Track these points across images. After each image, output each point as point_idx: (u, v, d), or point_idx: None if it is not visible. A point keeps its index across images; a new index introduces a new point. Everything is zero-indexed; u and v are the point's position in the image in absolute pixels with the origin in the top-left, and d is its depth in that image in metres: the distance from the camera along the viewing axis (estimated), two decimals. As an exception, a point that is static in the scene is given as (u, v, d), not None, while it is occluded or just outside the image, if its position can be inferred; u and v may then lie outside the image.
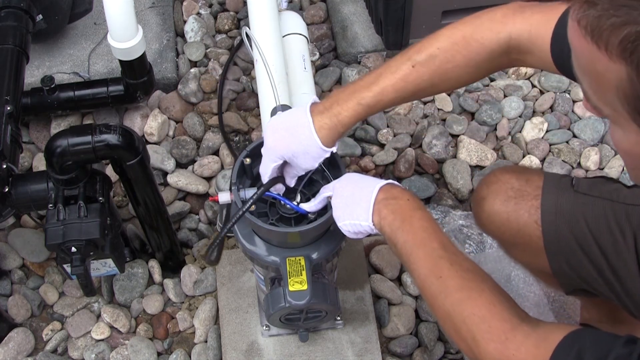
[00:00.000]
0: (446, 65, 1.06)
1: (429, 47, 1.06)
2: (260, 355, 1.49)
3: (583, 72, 0.70)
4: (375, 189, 1.05)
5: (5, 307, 1.63)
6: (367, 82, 1.08)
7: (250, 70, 1.96)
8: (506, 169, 1.20)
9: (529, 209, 1.12)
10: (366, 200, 1.05)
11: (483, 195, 1.19)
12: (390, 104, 1.09)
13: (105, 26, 1.82)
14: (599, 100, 0.69)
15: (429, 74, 1.06)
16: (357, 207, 1.06)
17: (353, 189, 1.08)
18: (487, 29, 1.03)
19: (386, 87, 1.06)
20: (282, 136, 1.10)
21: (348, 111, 1.07)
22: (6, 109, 1.38)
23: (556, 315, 1.53)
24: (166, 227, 1.56)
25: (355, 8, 2.01)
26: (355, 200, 1.06)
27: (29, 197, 1.33)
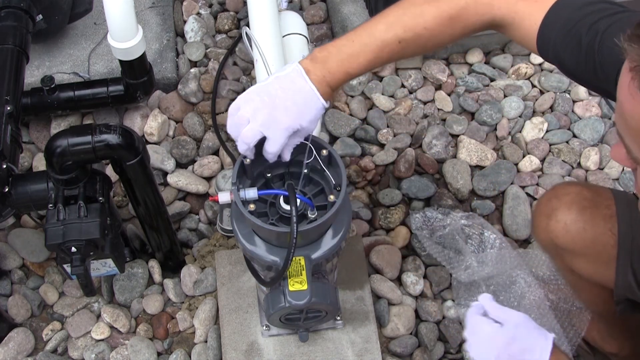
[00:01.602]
0: (430, 41, 1.11)
1: (415, 25, 1.10)
2: (260, 355, 1.49)
3: (630, 130, 0.79)
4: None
5: (5, 307, 1.63)
6: (354, 51, 1.11)
7: (250, 70, 1.96)
8: (571, 183, 1.26)
9: (603, 218, 1.17)
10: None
11: (554, 207, 1.22)
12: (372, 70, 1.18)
13: (105, 26, 1.82)
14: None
15: (413, 49, 1.12)
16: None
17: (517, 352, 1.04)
18: (473, 11, 1.08)
19: (372, 59, 1.11)
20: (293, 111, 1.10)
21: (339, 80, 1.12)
22: (6, 109, 1.38)
23: (560, 323, 1.53)
24: (166, 227, 1.56)
25: (355, 8, 2.01)
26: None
27: (29, 197, 1.33)
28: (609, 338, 1.47)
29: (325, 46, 1.12)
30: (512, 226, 1.72)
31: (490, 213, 1.76)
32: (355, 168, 1.80)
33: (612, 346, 1.48)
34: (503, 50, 2.00)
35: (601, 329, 1.48)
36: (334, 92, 1.13)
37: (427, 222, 1.69)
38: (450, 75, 1.96)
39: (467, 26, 1.09)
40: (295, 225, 1.09)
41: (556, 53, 1.02)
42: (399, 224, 1.73)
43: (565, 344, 1.49)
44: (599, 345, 1.51)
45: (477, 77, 1.95)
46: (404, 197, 1.77)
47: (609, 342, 1.48)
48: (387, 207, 1.75)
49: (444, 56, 1.98)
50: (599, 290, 1.27)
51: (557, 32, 1.01)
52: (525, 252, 1.64)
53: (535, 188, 1.78)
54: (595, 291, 1.30)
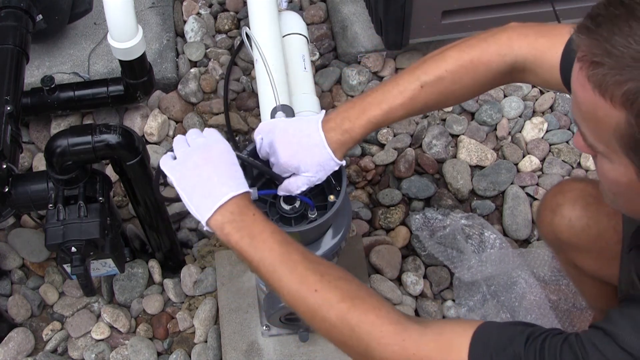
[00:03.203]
0: (453, 86, 1.10)
1: (436, 69, 1.10)
2: (260, 355, 1.49)
3: (584, 117, 0.82)
4: (224, 198, 0.98)
5: (5, 307, 1.63)
6: (376, 99, 1.11)
7: (250, 70, 1.96)
8: (576, 179, 1.25)
9: (607, 214, 1.17)
10: (211, 202, 0.99)
11: (559, 202, 1.23)
12: (398, 119, 1.13)
13: (105, 26, 1.82)
14: (596, 139, 0.82)
15: (437, 94, 1.10)
16: (201, 199, 1.00)
17: (208, 175, 1.01)
18: (494, 52, 1.08)
19: (395, 106, 1.10)
20: (295, 151, 1.11)
21: (359, 128, 1.11)
22: (6, 109, 1.38)
23: (561, 323, 1.53)
24: (166, 227, 1.56)
25: (355, 8, 2.01)
26: (202, 190, 1.00)
27: (29, 197, 1.33)
28: None
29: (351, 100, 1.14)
30: (512, 226, 1.72)
31: (490, 213, 1.76)
32: (355, 168, 1.80)
33: None
34: (503, 50, 2.00)
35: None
36: (354, 143, 1.12)
37: (427, 223, 1.69)
38: (450, 75, 1.96)
39: (489, 69, 1.08)
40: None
41: None
42: (399, 224, 1.73)
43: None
44: None
45: (477, 77, 1.95)
46: (404, 197, 1.77)
47: None
48: (387, 207, 1.75)
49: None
50: (602, 286, 1.27)
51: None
52: (527, 252, 1.64)
53: (535, 188, 1.78)
54: (598, 287, 1.30)
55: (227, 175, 1.01)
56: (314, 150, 1.11)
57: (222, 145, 1.04)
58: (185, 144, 1.06)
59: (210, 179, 1.00)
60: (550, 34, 1.06)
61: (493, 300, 1.59)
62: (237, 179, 1.02)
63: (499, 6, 1.81)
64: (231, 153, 1.04)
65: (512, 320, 0.93)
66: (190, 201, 1.01)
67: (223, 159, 1.03)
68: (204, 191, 1.00)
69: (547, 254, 1.63)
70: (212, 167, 1.01)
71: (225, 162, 1.03)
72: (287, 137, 1.12)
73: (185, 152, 1.04)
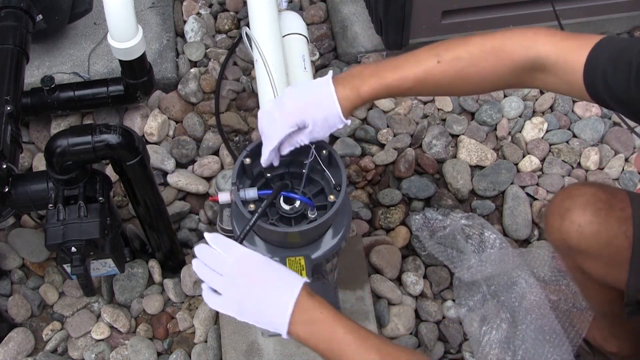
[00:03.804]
0: (470, 69, 1.08)
1: (457, 48, 1.08)
2: (260, 355, 1.49)
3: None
4: (288, 310, 0.97)
5: (5, 307, 1.63)
6: (391, 65, 1.10)
7: (250, 70, 1.96)
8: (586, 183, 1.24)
9: (618, 220, 1.15)
10: (281, 318, 0.97)
11: (568, 207, 1.21)
12: (408, 92, 1.11)
13: (105, 26, 1.82)
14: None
15: (452, 74, 1.08)
16: (271, 320, 0.98)
17: (260, 291, 0.99)
18: (518, 43, 1.06)
19: (408, 74, 1.08)
20: (302, 102, 1.10)
21: (369, 87, 1.09)
22: (6, 109, 1.38)
23: (561, 324, 1.53)
24: (166, 227, 1.56)
25: (355, 8, 2.01)
26: (267, 312, 0.98)
27: (29, 197, 1.33)
28: (610, 337, 1.47)
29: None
30: (512, 226, 1.72)
31: (490, 213, 1.76)
32: (355, 168, 1.80)
33: (613, 346, 1.48)
34: (503, 50, 2.00)
35: (603, 329, 1.48)
36: (362, 102, 1.11)
37: (427, 223, 1.70)
38: (450, 75, 1.96)
39: (511, 60, 1.06)
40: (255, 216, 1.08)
41: (605, 81, 0.98)
42: (399, 224, 1.73)
43: (567, 344, 1.49)
44: (600, 344, 1.51)
45: (477, 77, 1.95)
46: (404, 197, 1.77)
47: (611, 342, 1.48)
48: (387, 207, 1.75)
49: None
50: (608, 290, 1.27)
51: (605, 59, 0.98)
52: (527, 252, 1.64)
53: (535, 188, 1.78)
54: (604, 292, 1.30)
55: (275, 284, 0.99)
56: (322, 103, 1.09)
57: (251, 256, 1.00)
58: (215, 274, 1.00)
59: (265, 298, 0.98)
60: (578, 38, 1.03)
61: (493, 300, 1.59)
62: (287, 278, 0.99)
63: (499, 6, 1.82)
64: (260, 257, 1.00)
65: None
66: (263, 325, 0.99)
67: (262, 270, 1.00)
68: (269, 312, 0.98)
69: (547, 254, 1.63)
70: (260, 287, 0.99)
71: (264, 272, 0.99)
72: (295, 89, 1.12)
73: (224, 284, 1.00)
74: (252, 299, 0.98)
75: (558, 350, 1.48)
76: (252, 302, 0.98)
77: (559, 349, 1.48)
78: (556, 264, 1.62)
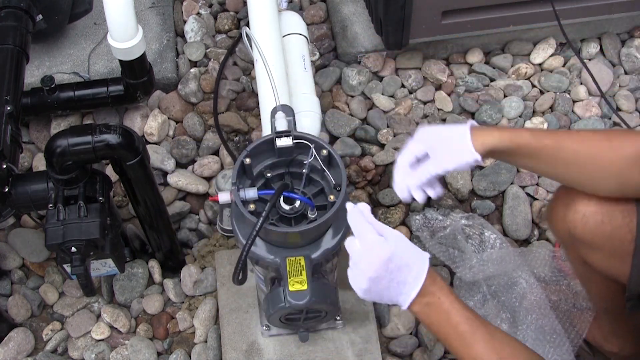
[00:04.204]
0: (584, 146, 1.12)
1: (610, 134, 1.15)
2: (260, 355, 1.49)
3: None
4: (414, 292, 1.05)
5: (5, 307, 1.63)
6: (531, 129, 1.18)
7: (250, 70, 1.96)
8: None
9: (622, 211, 1.15)
10: (404, 297, 1.06)
11: (573, 197, 1.21)
12: (544, 153, 1.14)
13: (105, 26, 1.82)
14: None
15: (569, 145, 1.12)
16: (391, 296, 1.06)
17: (391, 277, 1.06)
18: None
19: (543, 135, 1.14)
20: (435, 130, 1.18)
21: (513, 131, 1.16)
22: (6, 109, 1.38)
23: (562, 324, 1.53)
24: (166, 227, 1.56)
25: (355, 8, 2.01)
26: (390, 289, 1.06)
27: (29, 197, 1.33)
28: (611, 336, 1.47)
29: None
30: (512, 226, 1.72)
31: (490, 213, 1.76)
32: (355, 168, 1.80)
33: (613, 345, 1.48)
34: (503, 50, 2.00)
35: (604, 327, 1.48)
36: (494, 140, 1.14)
37: (428, 224, 1.69)
38: (450, 75, 1.96)
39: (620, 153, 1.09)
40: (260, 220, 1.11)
41: None
42: (399, 224, 1.73)
43: (567, 344, 1.49)
44: (600, 344, 1.51)
45: (477, 77, 1.95)
46: (404, 197, 1.77)
47: (611, 341, 1.48)
48: (387, 207, 1.75)
49: (443, 56, 1.98)
50: (610, 284, 1.26)
51: None
52: (527, 252, 1.64)
53: (535, 188, 1.78)
54: (606, 285, 1.29)
55: (402, 274, 1.05)
56: (453, 134, 1.15)
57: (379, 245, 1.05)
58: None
59: (391, 286, 1.05)
60: None
61: (493, 300, 1.59)
62: (413, 268, 1.05)
63: (499, 6, 1.82)
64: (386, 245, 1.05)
65: None
66: (384, 302, 1.08)
67: (390, 258, 1.04)
68: (393, 297, 1.06)
69: (547, 254, 1.63)
70: (388, 277, 1.05)
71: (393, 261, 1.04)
72: (432, 126, 1.18)
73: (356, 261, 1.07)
74: (379, 286, 1.05)
75: (558, 350, 1.48)
76: (378, 288, 1.05)
77: (559, 349, 1.48)
78: (556, 264, 1.62)
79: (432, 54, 1.97)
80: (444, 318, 1.04)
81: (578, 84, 1.95)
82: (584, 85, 1.94)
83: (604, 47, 2.00)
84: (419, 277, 1.04)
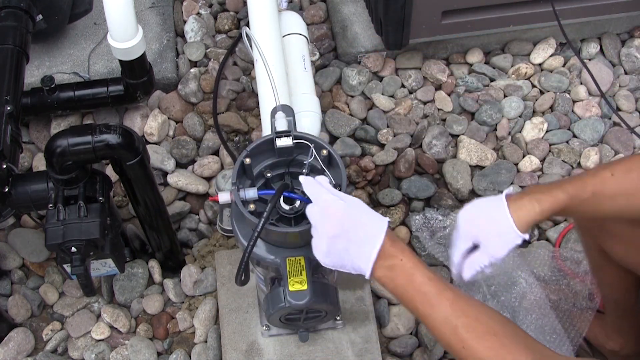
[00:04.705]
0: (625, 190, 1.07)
1: (630, 162, 1.08)
2: (260, 355, 1.49)
3: None
4: (374, 252, 1.03)
5: (5, 307, 1.63)
6: (568, 179, 1.10)
7: (250, 70, 1.96)
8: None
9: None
10: (365, 259, 1.03)
11: None
12: (585, 204, 1.08)
13: (105, 26, 1.82)
14: None
15: (627, 184, 1.07)
16: (352, 259, 1.04)
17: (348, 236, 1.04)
18: None
19: (586, 183, 1.07)
20: (474, 217, 1.10)
21: (550, 197, 1.07)
22: (6, 109, 1.38)
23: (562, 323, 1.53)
24: (166, 227, 1.56)
25: (355, 8, 2.01)
26: (349, 250, 1.04)
27: (29, 197, 1.33)
28: (614, 334, 1.47)
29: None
30: (512, 226, 1.72)
31: (491, 213, 1.75)
32: (355, 168, 1.80)
33: (616, 343, 1.48)
34: (503, 50, 2.00)
35: (607, 325, 1.47)
36: (541, 215, 1.08)
37: (427, 224, 1.69)
38: (450, 75, 1.96)
39: None
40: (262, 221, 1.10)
41: None
42: (399, 224, 1.73)
43: (567, 344, 1.49)
44: (601, 342, 1.51)
45: (477, 77, 1.95)
46: (404, 197, 1.77)
47: (614, 339, 1.48)
48: (387, 207, 1.75)
49: (443, 56, 1.98)
50: (624, 276, 1.25)
51: None
52: (527, 252, 1.64)
53: (535, 188, 1.78)
54: (621, 277, 1.29)
55: (359, 232, 1.03)
56: (494, 218, 1.08)
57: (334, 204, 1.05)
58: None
59: (350, 247, 1.04)
60: None
61: (493, 300, 1.59)
62: (371, 226, 1.03)
63: (499, 6, 1.82)
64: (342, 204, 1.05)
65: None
66: (347, 270, 1.06)
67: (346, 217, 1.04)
68: (354, 260, 1.04)
69: (547, 254, 1.63)
70: (345, 236, 1.03)
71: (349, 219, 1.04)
72: (469, 208, 1.11)
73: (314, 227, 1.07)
74: (338, 246, 1.03)
75: (558, 350, 1.48)
76: (337, 249, 1.03)
77: (559, 349, 1.48)
78: (556, 263, 1.62)
79: (432, 54, 1.97)
80: (407, 280, 1.01)
81: (578, 84, 1.95)
82: (584, 85, 1.94)
83: (604, 47, 2.00)
84: (377, 236, 1.02)
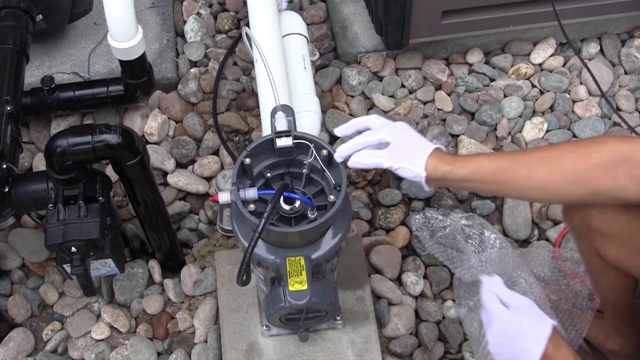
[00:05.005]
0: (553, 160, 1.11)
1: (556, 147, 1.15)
2: (260, 355, 1.49)
3: None
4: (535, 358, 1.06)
5: (5, 307, 1.63)
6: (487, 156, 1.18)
7: (250, 70, 1.96)
8: None
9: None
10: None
11: None
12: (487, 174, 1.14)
13: (105, 26, 1.82)
14: None
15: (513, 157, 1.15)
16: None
17: (512, 343, 1.09)
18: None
19: (493, 155, 1.16)
20: (408, 132, 1.19)
21: (460, 159, 1.16)
22: (6, 109, 1.38)
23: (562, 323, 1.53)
24: (166, 227, 1.56)
25: (355, 8, 2.01)
26: (515, 356, 1.08)
27: (29, 197, 1.33)
28: (614, 334, 1.47)
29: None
30: (512, 226, 1.72)
31: (490, 213, 1.76)
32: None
33: (616, 343, 1.48)
34: (503, 50, 2.00)
35: (608, 325, 1.47)
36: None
37: (427, 223, 1.69)
38: (450, 75, 1.96)
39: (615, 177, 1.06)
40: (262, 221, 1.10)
41: None
42: (399, 224, 1.73)
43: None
44: (601, 342, 1.51)
45: (477, 77, 1.95)
46: (404, 197, 1.77)
47: (614, 339, 1.48)
48: (387, 207, 1.75)
49: (443, 56, 1.98)
50: (622, 278, 1.26)
51: None
52: (527, 252, 1.64)
53: (535, 188, 1.78)
54: (618, 279, 1.29)
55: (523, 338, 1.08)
56: (417, 148, 1.16)
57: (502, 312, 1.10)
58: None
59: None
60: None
61: (493, 300, 1.59)
62: (533, 332, 1.07)
63: (499, 6, 1.82)
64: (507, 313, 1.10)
65: None
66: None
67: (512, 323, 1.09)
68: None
69: (547, 254, 1.63)
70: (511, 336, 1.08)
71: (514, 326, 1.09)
72: (409, 130, 1.18)
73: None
74: (504, 350, 1.08)
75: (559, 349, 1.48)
76: (504, 352, 1.09)
77: (559, 349, 1.48)
78: (556, 263, 1.62)
79: (432, 54, 1.97)
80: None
81: (578, 84, 1.95)
82: (584, 85, 1.94)
83: (604, 47, 2.00)
84: (537, 344, 1.05)
